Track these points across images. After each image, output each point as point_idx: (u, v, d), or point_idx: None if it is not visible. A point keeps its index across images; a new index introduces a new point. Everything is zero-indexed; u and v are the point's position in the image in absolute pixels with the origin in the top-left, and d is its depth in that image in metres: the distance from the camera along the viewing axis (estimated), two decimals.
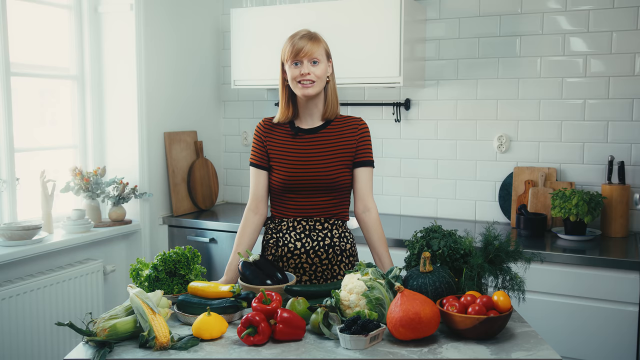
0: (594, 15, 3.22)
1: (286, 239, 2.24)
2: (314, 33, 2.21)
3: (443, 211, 3.65)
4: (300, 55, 2.14)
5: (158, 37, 3.63)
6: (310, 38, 2.16)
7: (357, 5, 3.33)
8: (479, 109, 3.52)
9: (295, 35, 2.18)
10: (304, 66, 2.14)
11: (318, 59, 2.16)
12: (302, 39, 2.16)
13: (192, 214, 3.81)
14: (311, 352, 1.63)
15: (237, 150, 4.22)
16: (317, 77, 2.16)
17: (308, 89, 2.16)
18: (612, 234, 3.12)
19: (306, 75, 2.14)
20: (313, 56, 2.15)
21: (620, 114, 3.21)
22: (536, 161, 3.41)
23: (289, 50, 2.16)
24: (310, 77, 2.15)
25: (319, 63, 2.16)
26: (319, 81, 2.18)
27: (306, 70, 2.14)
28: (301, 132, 2.25)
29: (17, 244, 2.87)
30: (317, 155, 2.21)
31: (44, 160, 3.35)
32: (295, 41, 2.16)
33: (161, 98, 3.69)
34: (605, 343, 2.73)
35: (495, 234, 1.93)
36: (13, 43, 3.07)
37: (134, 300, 1.72)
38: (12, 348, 2.83)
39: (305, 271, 2.23)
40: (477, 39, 3.48)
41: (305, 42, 2.14)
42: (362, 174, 2.25)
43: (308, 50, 2.13)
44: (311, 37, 2.17)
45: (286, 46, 2.18)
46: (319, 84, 2.18)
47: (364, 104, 3.79)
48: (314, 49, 2.15)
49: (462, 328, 1.68)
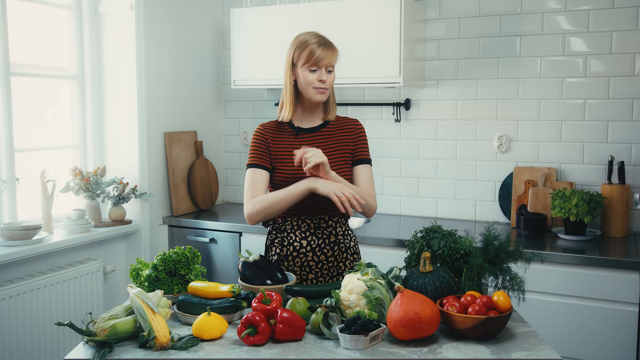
0: (594, 15, 3.22)
1: (291, 237, 2.25)
2: (330, 40, 2.25)
3: (443, 211, 3.65)
4: (320, 64, 2.19)
5: (158, 37, 3.63)
6: (329, 47, 2.22)
7: (357, 5, 3.33)
8: (479, 109, 3.52)
9: (312, 41, 2.20)
10: (322, 74, 2.20)
11: (333, 66, 2.23)
12: (323, 48, 2.19)
13: (192, 214, 3.81)
14: (311, 352, 1.63)
15: (237, 150, 4.22)
16: (330, 84, 2.24)
17: (322, 94, 2.22)
18: (612, 234, 3.12)
19: (324, 83, 2.20)
20: (331, 64, 2.22)
21: (620, 114, 3.21)
22: (536, 161, 3.41)
23: (308, 56, 2.18)
24: (325, 85, 2.21)
25: (333, 71, 2.24)
26: (330, 88, 2.26)
27: (324, 77, 2.20)
28: (302, 131, 2.28)
29: (17, 244, 2.87)
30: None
31: (44, 160, 3.35)
32: (315, 48, 2.18)
33: (161, 98, 3.69)
34: (605, 343, 2.73)
35: (495, 234, 1.93)
36: (13, 43, 3.07)
37: (134, 300, 1.72)
38: (12, 348, 2.83)
39: (311, 269, 2.23)
40: (477, 39, 3.48)
41: (326, 52, 2.19)
42: (362, 171, 2.28)
43: (328, 60, 2.20)
44: (330, 46, 2.22)
45: (302, 49, 2.19)
46: (330, 90, 2.26)
47: (364, 104, 3.79)
48: (332, 59, 2.22)
49: (462, 328, 1.68)
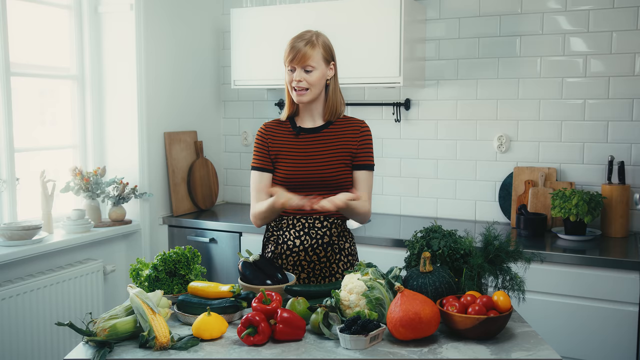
0: (594, 15, 3.22)
1: (286, 236, 2.25)
2: (314, 37, 2.18)
3: (443, 211, 3.65)
4: (293, 62, 2.14)
5: (158, 37, 3.63)
6: (306, 43, 2.14)
7: (357, 5, 3.33)
8: (479, 109, 3.52)
9: (292, 40, 2.18)
10: (296, 73, 2.15)
11: (312, 66, 2.15)
12: (296, 46, 2.14)
13: (192, 214, 3.81)
14: (311, 352, 1.63)
15: (237, 150, 4.22)
16: (310, 84, 2.16)
17: (302, 96, 2.18)
18: (612, 234, 3.12)
19: (298, 83, 2.16)
20: (306, 63, 2.14)
21: (620, 114, 3.21)
22: (536, 161, 3.41)
23: (285, 55, 2.17)
24: (302, 85, 2.16)
25: (314, 70, 2.15)
26: (314, 88, 2.17)
27: (298, 77, 2.15)
28: (303, 131, 2.26)
29: (17, 244, 2.87)
30: (319, 154, 2.22)
31: (44, 160, 3.35)
32: (289, 47, 2.16)
33: (161, 98, 3.69)
34: (605, 343, 2.73)
35: (495, 234, 1.93)
36: (13, 43, 3.07)
37: (134, 300, 1.72)
38: (12, 348, 2.83)
39: (303, 268, 2.23)
40: (477, 39, 3.48)
41: (300, 48, 2.13)
42: (361, 177, 2.26)
43: (300, 58, 2.13)
44: (308, 42, 2.15)
45: (286, 49, 2.18)
46: (314, 91, 2.18)
47: (364, 104, 3.79)
48: (306, 57, 2.13)
49: (462, 328, 1.68)
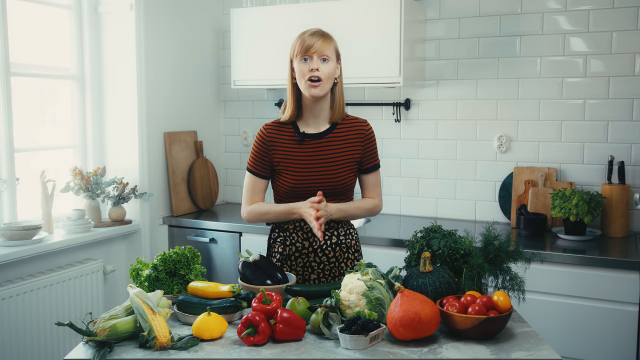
0: (594, 15, 3.22)
1: (293, 238, 2.24)
2: (325, 31, 2.19)
3: (443, 211, 3.65)
4: (310, 51, 2.11)
5: (158, 37, 3.63)
6: (321, 35, 2.15)
7: (357, 5, 3.33)
8: (479, 109, 3.52)
9: (306, 32, 2.16)
10: (313, 62, 2.11)
11: (328, 56, 2.13)
12: (314, 35, 2.14)
13: (192, 214, 3.81)
14: (311, 352, 1.63)
15: (237, 150, 4.22)
16: (325, 76, 2.12)
17: (315, 88, 2.12)
18: (612, 234, 3.12)
19: (315, 71, 2.10)
20: (324, 53, 2.12)
21: (620, 114, 3.21)
22: (536, 161, 3.41)
23: (299, 46, 2.13)
24: (318, 74, 2.11)
25: (329, 61, 2.13)
26: (327, 81, 2.14)
27: (315, 65, 2.10)
28: (307, 137, 2.21)
29: (17, 244, 2.87)
30: (324, 160, 2.20)
31: (44, 160, 3.35)
32: (306, 37, 2.13)
33: (161, 98, 3.69)
34: (605, 343, 2.73)
35: (495, 234, 1.93)
36: (13, 43, 3.07)
37: (134, 300, 1.72)
38: (12, 348, 2.83)
39: (313, 270, 2.23)
40: (477, 39, 3.48)
41: (317, 39, 2.12)
42: (370, 177, 2.27)
43: (319, 47, 2.11)
44: (323, 35, 2.15)
45: (296, 42, 2.16)
46: (327, 84, 2.15)
47: (364, 104, 3.78)
48: (324, 46, 2.12)
49: (462, 328, 1.68)
